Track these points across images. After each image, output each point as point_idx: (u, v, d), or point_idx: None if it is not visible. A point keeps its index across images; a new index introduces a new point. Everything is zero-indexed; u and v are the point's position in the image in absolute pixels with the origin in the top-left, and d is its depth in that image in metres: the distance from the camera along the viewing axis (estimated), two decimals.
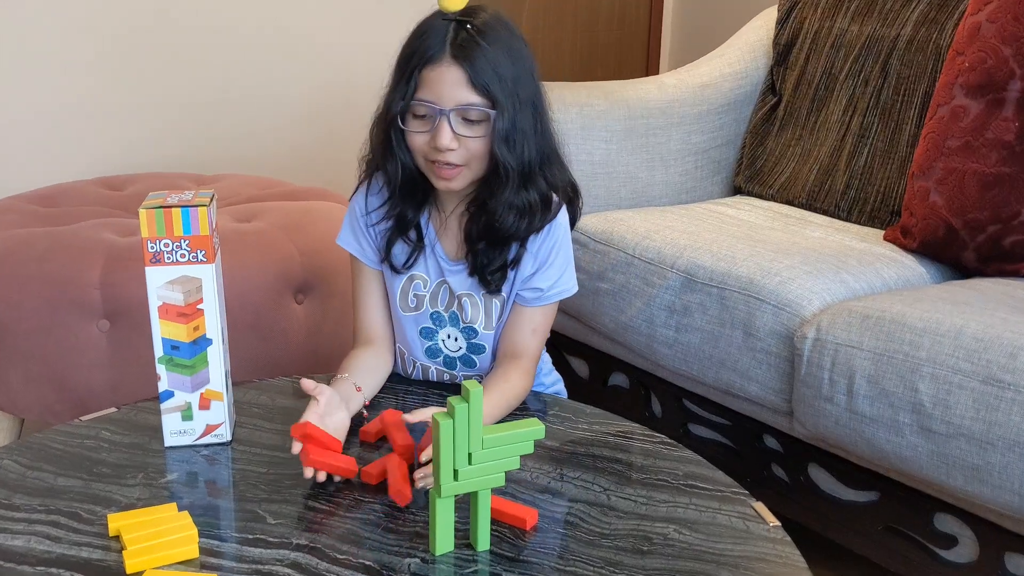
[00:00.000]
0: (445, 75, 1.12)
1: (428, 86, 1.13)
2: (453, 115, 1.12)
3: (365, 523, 0.97)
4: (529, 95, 1.17)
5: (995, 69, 1.57)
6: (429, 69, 1.12)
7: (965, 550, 1.33)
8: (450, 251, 1.25)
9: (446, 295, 1.26)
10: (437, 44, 1.12)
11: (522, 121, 1.15)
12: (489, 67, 1.12)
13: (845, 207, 1.91)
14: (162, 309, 1.08)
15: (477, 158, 1.15)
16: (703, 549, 0.94)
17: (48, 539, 0.93)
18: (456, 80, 1.11)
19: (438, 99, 1.12)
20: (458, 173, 1.16)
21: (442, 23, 1.13)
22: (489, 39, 1.13)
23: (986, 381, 1.21)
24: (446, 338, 1.28)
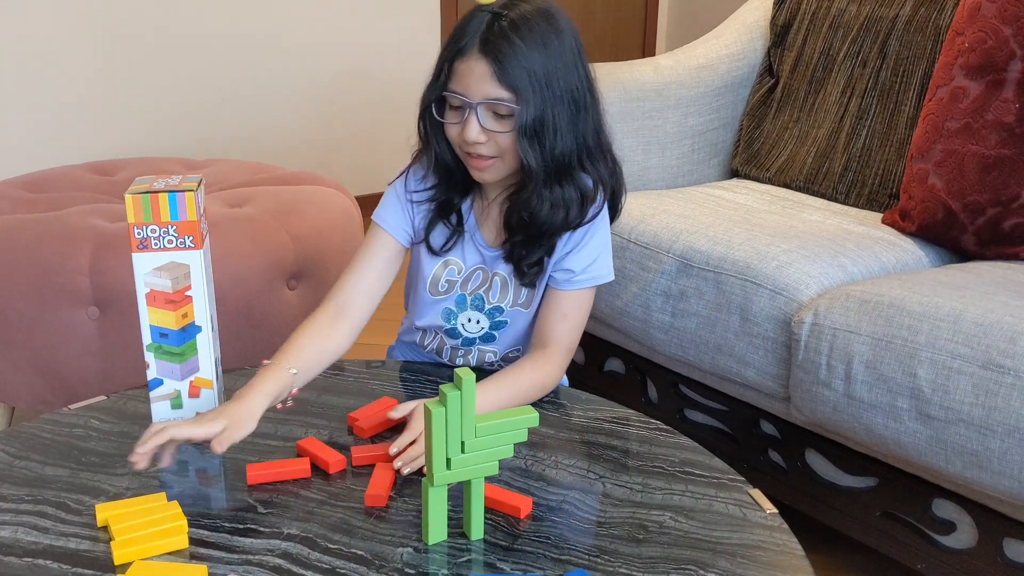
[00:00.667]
0: (473, 68, 1.11)
1: (458, 78, 1.13)
2: (481, 109, 1.12)
3: (357, 512, 0.96)
4: (567, 88, 1.14)
5: (995, 49, 1.56)
6: (460, 61, 1.12)
7: (964, 536, 1.33)
8: (489, 238, 1.25)
9: (478, 279, 1.26)
10: (470, 36, 1.12)
11: (555, 116, 1.13)
12: (518, 61, 1.10)
13: (843, 190, 1.90)
14: (150, 296, 1.06)
15: (509, 151, 1.14)
16: (699, 537, 0.93)
17: (35, 529, 0.92)
18: (483, 74, 1.11)
19: (467, 92, 1.12)
20: (491, 164, 1.16)
21: (480, 15, 1.13)
22: (522, 33, 1.11)
23: (985, 366, 1.20)
24: (466, 321, 1.27)
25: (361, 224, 2.00)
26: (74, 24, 2.79)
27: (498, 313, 1.26)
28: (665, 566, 0.88)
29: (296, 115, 3.34)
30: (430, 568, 0.87)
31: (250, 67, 3.19)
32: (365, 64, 3.41)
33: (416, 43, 3.54)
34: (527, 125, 1.11)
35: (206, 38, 3.08)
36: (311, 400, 1.20)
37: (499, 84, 1.11)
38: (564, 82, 1.13)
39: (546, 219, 1.17)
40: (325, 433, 1.11)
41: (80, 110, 2.87)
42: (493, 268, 1.25)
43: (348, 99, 3.43)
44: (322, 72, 3.36)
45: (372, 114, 3.47)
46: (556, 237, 1.20)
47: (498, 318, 1.26)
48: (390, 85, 3.48)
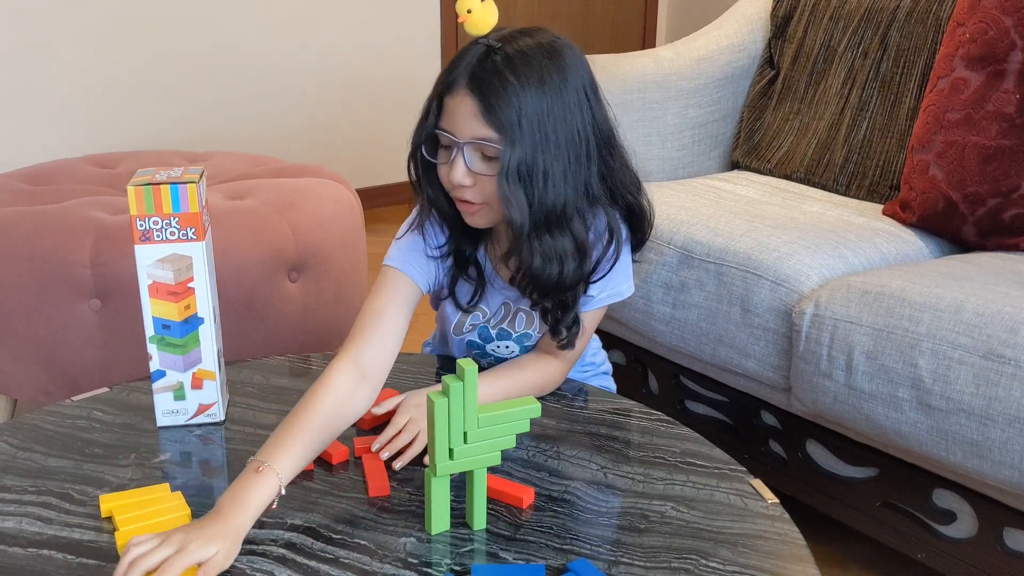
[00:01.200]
0: (460, 105, 1.03)
1: (448, 115, 1.04)
2: (468, 149, 1.03)
3: (360, 503, 0.96)
4: (566, 133, 1.03)
5: (996, 40, 1.55)
6: (449, 97, 1.04)
7: (964, 525, 1.33)
8: (507, 277, 1.17)
9: (500, 313, 1.22)
10: (460, 70, 1.03)
11: (546, 161, 1.02)
12: (508, 100, 1.00)
13: (843, 181, 1.90)
14: (152, 288, 1.07)
15: (495, 198, 1.04)
16: (701, 527, 0.93)
17: (39, 520, 0.92)
18: (469, 111, 1.02)
19: (454, 130, 1.04)
20: (479, 209, 1.07)
21: (476, 48, 1.04)
22: (517, 69, 1.01)
23: (986, 356, 1.20)
24: (495, 348, 1.25)
25: (362, 216, 2.00)
26: (74, 17, 2.79)
27: (526, 339, 1.23)
28: (667, 556, 0.88)
29: (296, 109, 3.34)
30: (433, 558, 0.87)
31: (250, 61, 3.19)
32: (365, 58, 3.41)
33: (416, 36, 3.54)
34: (510, 169, 1.01)
35: (207, 31, 3.07)
36: None
37: (485, 123, 1.01)
38: (563, 125, 1.03)
39: (539, 271, 1.07)
40: None
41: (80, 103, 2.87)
42: (516, 304, 1.20)
43: (347, 93, 3.42)
44: (322, 66, 3.35)
45: (372, 108, 3.47)
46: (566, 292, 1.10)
47: (527, 343, 1.23)
48: (390, 79, 3.47)
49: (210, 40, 3.10)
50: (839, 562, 1.58)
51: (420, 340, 1.41)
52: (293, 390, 1.20)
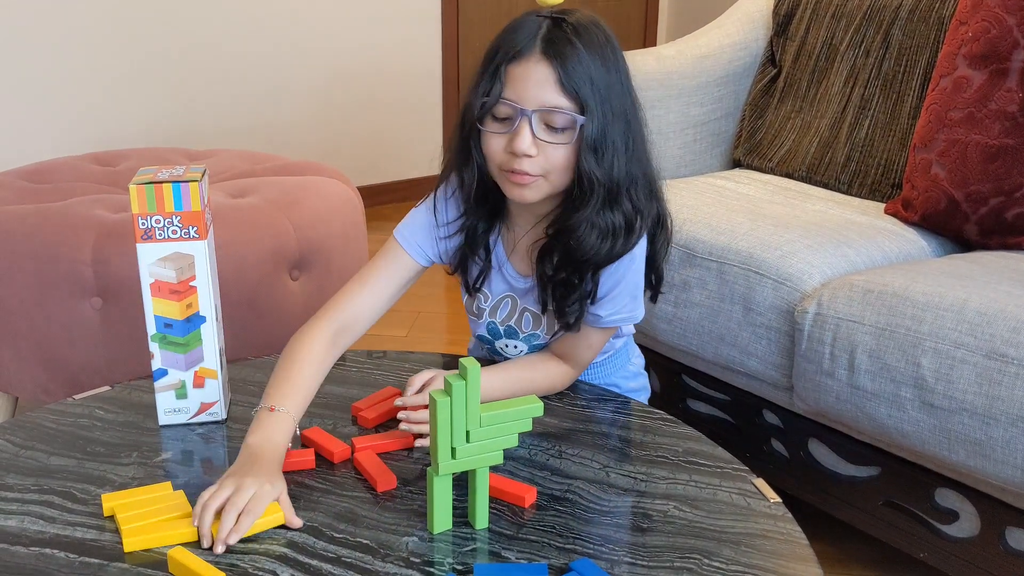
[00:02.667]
0: (533, 72, 1.01)
1: (513, 84, 1.02)
2: (536, 117, 1.02)
3: (362, 501, 0.96)
4: (623, 109, 1.05)
5: (999, 39, 1.55)
6: (516, 65, 1.02)
7: (966, 525, 1.33)
8: (521, 269, 1.18)
9: (507, 308, 1.21)
10: (527, 39, 1.02)
11: (613, 134, 1.04)
12: (582, 69, 1.01)
13: (845, 180, 1.89)
14: (154, 286, 1.06)
15: (558, 169, 1.04)
16: (704, 526, 0.93)
17: (42, 519, 0.92)
18: (544, 78, 1.01)
19: (521, 98, 1.02)
20: (534, 182, 1.05)
21: (536, 19, 1.04)
22: (585, 40, 1.02)
23: (989, 355, 1.20)
24: (504, 347, 1.25)
25: (363, 213, 2.00)
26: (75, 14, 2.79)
27: (535, 339, 1.22)
28: (669, 555, 0.88)
29: (297, 106, 3.34)
30: (435, 557, 0.87)
31: (252, 58, 3.19)
32: (366, 55, 3.41)
33: (417, 33, 3.54)
34: (588, 137, 1.02)
35: (207, 29, 3.07)
36: None
37: (561, 91, 1.01)
38: (620, 100, 1.05)
39: (592, 247, 1.07)
40: (329, 423, 1.11)
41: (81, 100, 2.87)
42: (523, 302, 1.19)
43: (349, 90, 3.42)
44: (323, 63, 3.35)
45: (373, 105, 3.47)
46: (597, 270, 1.10)
47: (535, 342, 1.23)
48: (391, 76, 3.47)
49: (211, 37, 3.10)
50: (841, 561, 1.58)
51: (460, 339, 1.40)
52: None
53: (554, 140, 1.03)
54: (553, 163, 1.04)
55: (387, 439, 1.06)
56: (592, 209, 1.05)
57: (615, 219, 1.07)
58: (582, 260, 1.08)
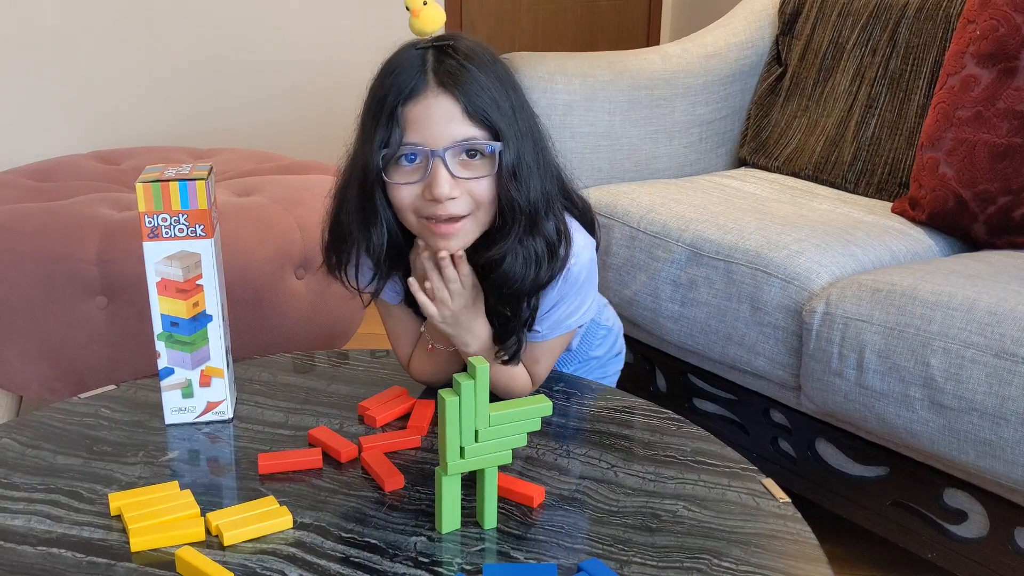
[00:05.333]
0: (433, 108, 0.94)
1: (414, 126, 0.95)
2: (449, 155, 0.95)
3: (370, 501, 0.95)
4: (528, 126, 1.00)
5: (1007, 37, 1.54)
6: (412, 104, 0.95)
7: (975, 525, 1.32)
8: None
9: None
10: (416, 74, 0.95)
11: (526, 155, 0.99)
12: (484, 93, 0.95)
13: (852, 179, 1.89)
14: (161, 285, 1.06)
15: (483, 204, 0.98)
16: (713, 526, 0.92)
17: (49, 518, 0.92)
18: (447, 112, 0.94)
19: (427, 140, 0.95)
20: (461, 228, 0.98)
21: (417, 53, 0.97)
22: (477, 63, 0.96)
23: (999, 355, 1.20)
24: None
25: None
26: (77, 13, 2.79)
27: None
28: (679, 555, 0.87)
29: (300, 104, 3.34)
30: (444, 557, 0.87)
31: (256, 57, 3.19)
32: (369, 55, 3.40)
33: None
34: (509, 163, 0.96)
35: (211, 27, 3.07)
36: (321, 389, 1.20)
37: (469, 121, 0.95)
38: (523, 118, 1.00)
39: (519, 277, 1.01)
40: (336, 422, 1.11)
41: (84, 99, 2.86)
42: None
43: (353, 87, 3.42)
44: (325, 62, 3.35)
45: None
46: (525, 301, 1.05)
47: None
48: None
49: (215, 36, 3.10)
50: (848, 562, 1.57)
51: None
52: (300, 387, 1.20)
53: (474, 174, 0.96)
54: (478, 198, 0.98)
55: (394, 438, 1.06)
56: (514, 238, 0.99)
57: (537, 245, 1.01)
58: (511, 293, 1.03)
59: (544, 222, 1.02)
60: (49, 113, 2.85)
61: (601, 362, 1.36)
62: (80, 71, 2.88)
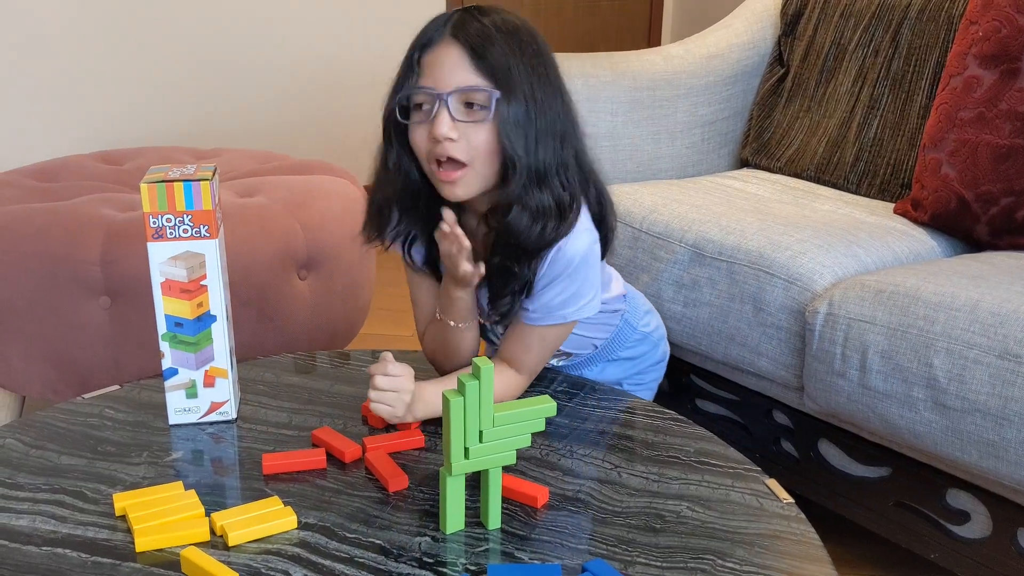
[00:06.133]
0: (444, 55, 1.03)
1: (427, 71, 1.04)
2: (452, 99, 1.02)
3: (374, 501, 0.96)
4: (550, 98, 1.05)
5: (1010, 39, 1.54)
6: (428, 52, 1.04)
7: (978, 526, 1.32)
8: None
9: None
10: (437, 27, 1.05)
11: (538, 118, 1.04)
12: (494, 49, 1.02)
13: (854, 180, 1.89)
14: (165, 285, 1.06)
15: (481, 153, 1.03)
16: (717, 527, 0.92)
17: (53, 519, 0.92)
18: (456, 60, 1.02)
19: (436, 84, 1.02)
20: (462, 174, 1.04)
21: (445, 13, 1.07)
22: (495, 21, 1.03)
23: (1002, 356, 1.20)
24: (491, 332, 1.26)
25: None
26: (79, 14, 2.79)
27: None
28: (683, 556, 0.87)
29: (302, 104, 3.34)
30: (448, 557, 0.87)
31: (259, 57, 3.19)
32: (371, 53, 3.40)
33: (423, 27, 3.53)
34: (508, 113, 1.02)
35: (213, 27, 3.07)
36: (324, 390, 1.20)
37: (475, 71, 1.02)
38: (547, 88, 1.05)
39: (525, 229, 1.05)
40: (340, 423, 1.11)
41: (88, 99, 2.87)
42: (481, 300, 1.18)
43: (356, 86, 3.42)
44: (328, 61, 3.35)
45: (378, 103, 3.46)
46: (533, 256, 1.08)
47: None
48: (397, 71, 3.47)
49: (218, 36, 3.10)
50: (851, 562, 1.57)
51: None
52: (303, 388, 1.20)
53: (472, 119, 1.02)
54: (475, 146, 1.03)
55: (398, 439, 1.06)
56: (517, 185, 1.04)
57: (544, 199, 1.05)
58: (516, 244, 1.06)
59: (554, 181, 1.06)
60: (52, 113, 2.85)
61: (636, 364, 1.37)
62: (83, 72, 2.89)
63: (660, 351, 1.42)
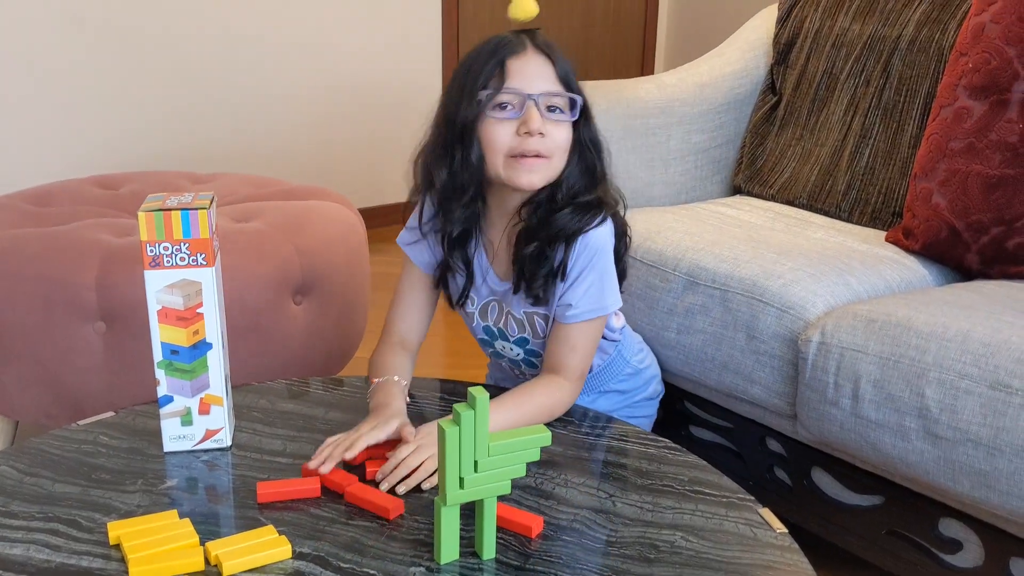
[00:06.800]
0: (531, 64, 1.15)
1: (514, 75, 1.15)
2: (541, 100, 1.14)
3: (368, 531, 0.96)
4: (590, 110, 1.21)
5: (999, 70, 1.57)
6: (514, 59, 1.15)
7: (970, 555, 1.33)
8: (501, 273, 1.26)
9: (495, 311, 1.29)
10: (516, 41, 1.16)
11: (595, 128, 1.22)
12: (567, 66, 1.18)
13: (846, 208, 1.90)
14: (161, 313, 1.07)
15: (561, 150, 1.17)
16: (711, 557, 0.93)
17: (47, 547, 0.92)
18: (541, 69, 1.15)
19: (524, 87, 1.14)
20: (543, 164, 1.16)
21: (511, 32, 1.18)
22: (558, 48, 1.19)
23: (994, 386, 1.20)
24: (502, 348, 1.32)
25: (365, 237, 2.00)
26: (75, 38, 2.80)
27: (525, 343, 1.29)
28: None
29: (298, 128, 3.35)
30: None
31: (254, 82, 3.20)
32: (367, 79, 3.42)
33: (418, 59, 3.56)
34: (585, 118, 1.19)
35: (210, 52, 3.09)
36: (319, 416, 1.20)
37: (557, 81, 1.16)
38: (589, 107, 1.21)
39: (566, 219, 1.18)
40: None
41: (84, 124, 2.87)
42: (508, 305, 1.27)
43: (350, 113, 3.43)
44: (324, 86, 3.37)
45: (374, 128, 3.48)
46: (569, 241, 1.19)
47: (528, 346, 1.30)
48: (392, 101, 3.49)
49: (213, 61, 3.11)
50: None
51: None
52: (298, 415, 1.20)
53: (558, 119, 1.16)
54: (558, 143, 1.16)
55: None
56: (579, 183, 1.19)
57: (591, 196, 1.20)
58: (556, 230, 1.18)
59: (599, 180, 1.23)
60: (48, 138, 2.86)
61: (626, 398, 1.43)
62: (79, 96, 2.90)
63: (652, 388, 1.48)
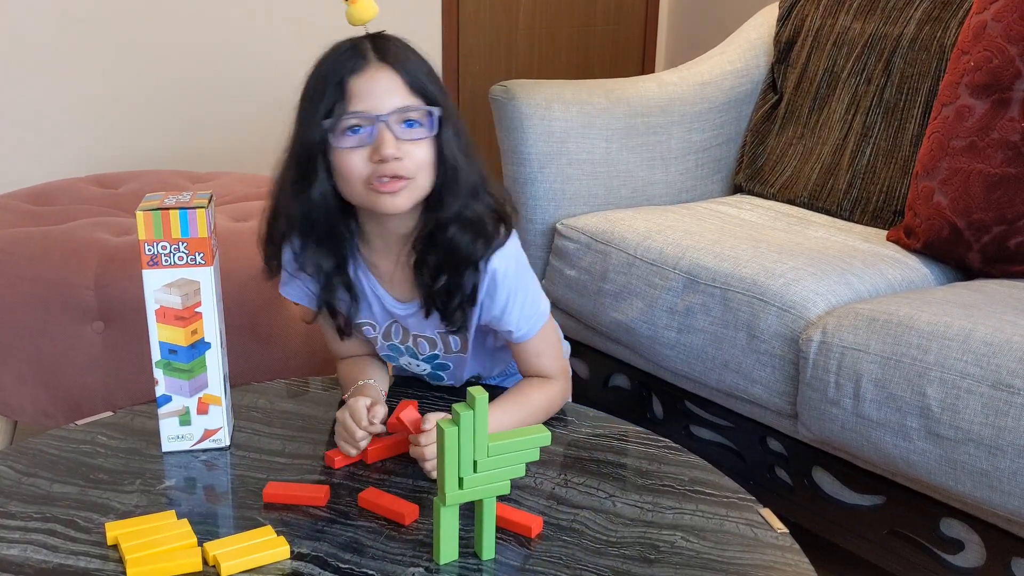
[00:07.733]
0: (376, 80, 1.04)
1: (358, 96, 1.03)
2: (392, 120, 1.03)
3: (368, 531, 0.95)
4: (454, 114, 1.09)
5: (1001, 69, 1.56)
6: (355, 79, 1.04)
7: (972, 555, 1.32)
8: (399, 295, 1.17)
9: (399, 332, 1.21)
10: (357, 55, 1.05)
11: (463, 133, 1.09)
12: (420, 70, 1.06)
13: (847, 207, 1.90)
14: (159, 312, 1.06)
15: (424, 167, 1.06)
16: (711, 557, 0.92)
17: (45, 548, 0.91)
18: (389, 83, 1.04)
19: (372, 108, 1.03)
20: (404, 185, 1.05)
21: (353, 41, 1.07)
22: (408, 46, 1.08)
23: (995, 386, 1.20)
24: (408, 364, 1.26)
25: None
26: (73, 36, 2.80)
27: (435, 359, 1.24)
28: None
29: None
30: None
31: (252, 81, 3.20)
32: None
33: None
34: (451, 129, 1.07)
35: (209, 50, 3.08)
36: (318, 416, 1.19)
37: (409, 92, 1.04)
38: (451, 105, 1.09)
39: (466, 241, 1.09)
40: None
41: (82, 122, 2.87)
42: (413, 328, 1.19)
43: None
44: None
45: None
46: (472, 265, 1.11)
47: (437, 362, 1.24)
48: None
49: (213, 59, 3.11)
50: None
51: None
52: (297, 414, 1.20)
53: (414, 137, 1.05)
54: (418, 161, 1.05)
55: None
56: (461, 201, 1.08)
57: (480, 210, 1.10)
58: (460, 258, 1.10)
59: (483, 191, 1.11)
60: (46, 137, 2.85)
61: None
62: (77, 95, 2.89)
63: None
